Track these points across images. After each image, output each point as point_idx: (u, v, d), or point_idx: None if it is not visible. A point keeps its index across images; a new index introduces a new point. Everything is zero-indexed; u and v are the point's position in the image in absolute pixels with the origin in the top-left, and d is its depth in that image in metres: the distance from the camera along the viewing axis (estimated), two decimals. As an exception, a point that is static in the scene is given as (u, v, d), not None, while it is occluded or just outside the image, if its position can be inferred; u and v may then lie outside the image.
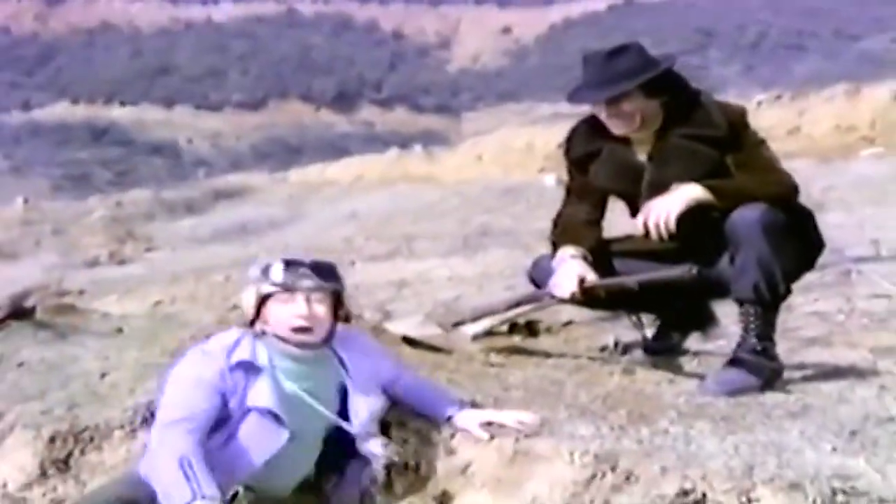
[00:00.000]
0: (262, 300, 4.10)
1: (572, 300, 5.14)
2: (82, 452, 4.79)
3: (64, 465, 4.77)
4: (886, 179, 17.41)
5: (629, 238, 5.29)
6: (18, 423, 4.98)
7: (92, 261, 19.86)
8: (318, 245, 18.39)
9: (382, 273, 13.37)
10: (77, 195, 44.96)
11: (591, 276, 5.05)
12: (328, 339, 4.16)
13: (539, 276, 5.46)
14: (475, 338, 6.76)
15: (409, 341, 6.17)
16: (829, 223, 12.10)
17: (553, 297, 5.25)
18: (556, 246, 5.28)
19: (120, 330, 6.56)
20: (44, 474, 4.76)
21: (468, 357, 6.03)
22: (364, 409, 4.15)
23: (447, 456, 4.38)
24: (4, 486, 4.79)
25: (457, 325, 6.44)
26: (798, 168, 18.36)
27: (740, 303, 4.87)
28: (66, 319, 6.77)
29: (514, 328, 6.87)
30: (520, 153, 30.36)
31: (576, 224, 5.32)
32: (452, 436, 4.44)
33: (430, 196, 23.77)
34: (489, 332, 6.82)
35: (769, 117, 28.21)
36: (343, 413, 4.13)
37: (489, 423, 4.31)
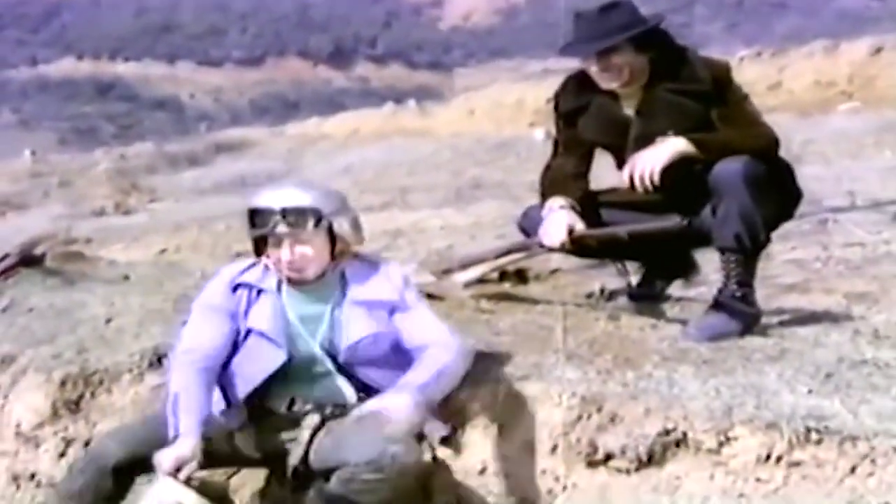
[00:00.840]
0: (257, 241, 4.15)
1: (561, 249, 5.12)
2: (93, 395, 4.82)
3: (75, 406, 4.80)
4: (863, 133, 17.38)
5: (615, 190, 5.28)
6: (30, 366, 5.01)
7: (98, 211, 19.79)
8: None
9: (378, 223, 13.32)
10: (83, 148, 44.77)
11: (580, 226, 5.02)
12: (324, 272, 4.12)
13: (529, 226, 5.43)
14: (467, 285, 6.76)
15: (403, 288, 6.18)
16: (807, 175, 12.09)
17: (542, 245, 5.22)
18: (545, 197, 5.25)
19: (126, 277, 6.57)
20: (56, 415, 4.79)
21: (460, 303, 6.04)
22: (355, 332, 4.08)
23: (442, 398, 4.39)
24: (18, 425, 4.82)
25: (447, 272, 6.42)
26: (778, 122, 18.30)
27: (722, 251, 4.86)
28: (74, 267, 6.78)
29: (503, 276, 6.88)
30: (510, 108, 30.23)
31: (564, 176, 5.29)
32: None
33: (424, 149, 23.67)
34: (480, 280, 6.82)
35: (751, 73, 28.03)
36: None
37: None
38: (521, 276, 6.86)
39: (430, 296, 6.01)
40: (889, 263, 7.01)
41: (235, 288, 4.14)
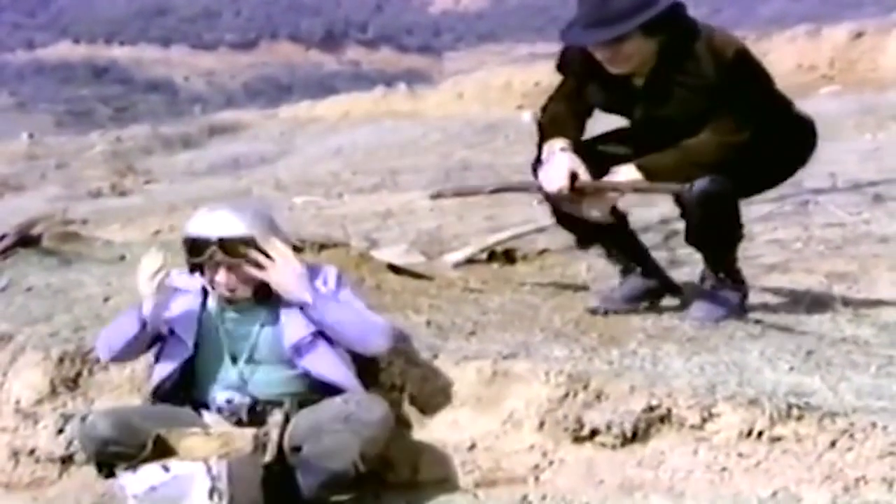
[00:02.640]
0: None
1: (559, 196, 4.72)
2: (90, 372, 4.82)
3: (73, 383, 4.80)
4: (844, 116, 17.37)
5: (615, 133, 5.04)
6: (28, 344, 5.00)
7: (94, 192, 19.73)
8: (307, 178, 18.32)
9: (368, 204, 13.34)
10: (79, 130, 44.57)
11: (583, 174, 4.65)
12: (264, 291, 4.15)
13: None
14: (456, 265, 6.78)
15: (393, 268, 6.18)
16: (789, 157, 12.05)
17: (540, 188, 4.80)
18: (544, 137, 4.88)
19: (122, 257, 6.56)
20: (54, 392, 4.79)
21: (448, 283, 6.05)
22: (295, 333, 4.13)
23: (430, 376, 4.41)
24: (18, 402, 4.82)
25: (436, 197, 6.18)
26: (761, 105, 18.39)
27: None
28: (71, 247, 6.77)
29: (492, 256, 6.89)
30: (499, 91, 30.16)
31: (564, 116, 4.92)
32: (435, 356, 4.47)
33: (414, 132, 23.64)
34: (469, 260, 6.84)
35: (734, 57, 28.09)
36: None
37: None
38: (509, 257, 6.88)
39: (419, 276, 6.04)
40: (868, 243, 7.04)
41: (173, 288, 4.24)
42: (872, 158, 12.24)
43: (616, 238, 5.25)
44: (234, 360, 4.15)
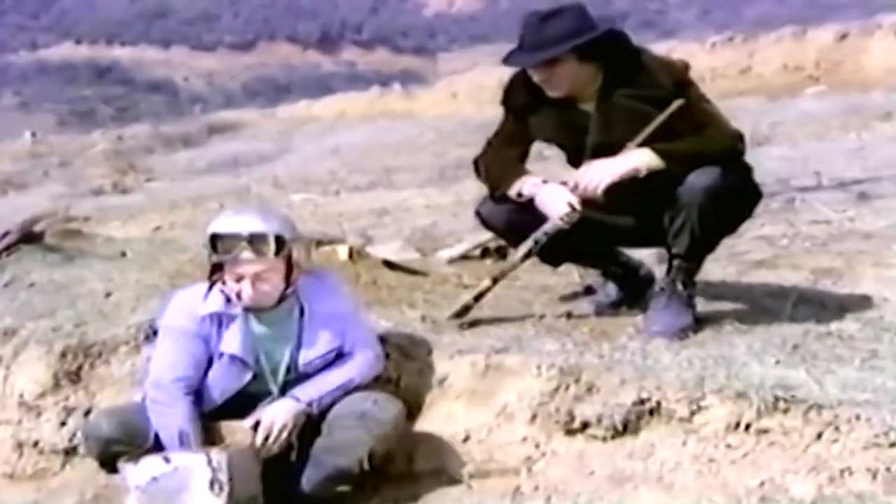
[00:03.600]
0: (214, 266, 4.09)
1: (573, 215, 4.57)
2: (92, 366, 4.82)
3: (75, 376, 4.80)
4: (829, 115, 17.42)
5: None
6: (32, 338, 5.01)
7: (96, 190, 19.72)
8: (304, 176, 18.31)
9: (364, 202, 13.36)
10: (82, 129, 44.48)
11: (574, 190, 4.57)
12: (283, 296, 4.09)
13: (489, 214, 4.99)
14: (450, 262, 6.79)
15: (388, 264, 6.19)
16: (775, 156, 12.16)
17: (562, 218, 4.59)
18: (501, 183, 4.81)
19: (123, 253, 6.55)
20: (57, 385, 4.80)
21: (443, 279, 6.05)
22: (318, 348, 4.13)
23: (425, 369, 4.41)
24: (21, 395, 4.82)
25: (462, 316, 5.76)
26: (748, 105, 18.49)
27: (674, 256, 4.66)
28: (73, 243, 6.75)
29: (486, 252, 6.90)
30: (492, 91, 29.88)
31: (512, 161, 4.88)
32: (430, 352, 4.47)
33: (409, 131, 23.63)
34: (463, 256, 6.84)
35: (722, 58, 28.20)
36: None
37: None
38: (502, 253, 6.87)
39: (414, 272, 6.04)
40: (853, 240, 7.05)
41: (204, 317, 4.08)
42: (857, 157, 12.25)
43: (596, 254, 5.17)
44: (275, 374, 4.13)
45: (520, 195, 4.71)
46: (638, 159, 4.46)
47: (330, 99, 37.54)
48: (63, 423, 4.67)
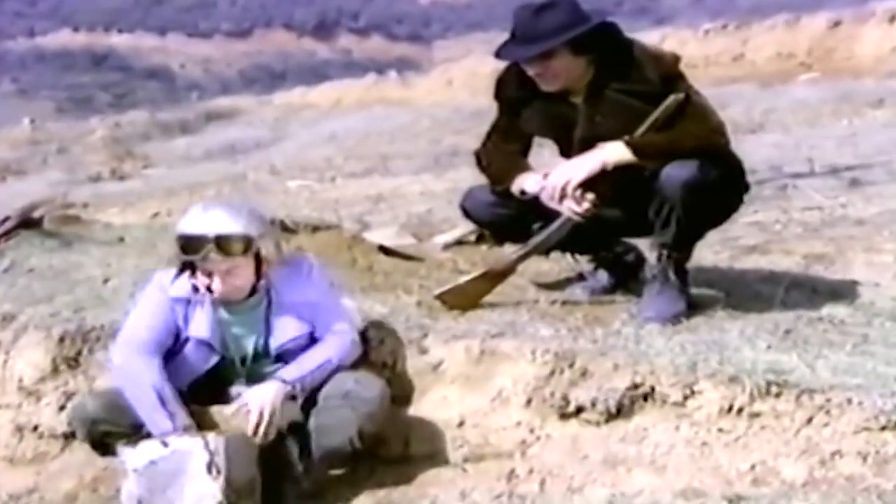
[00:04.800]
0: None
1: (589, 208, 4.53)
2: (90, 351, 4.82)
3: (74, 362, 4.81)
4: (821, 102, 17.41)
5: None
6: (31, 324, 5.01)
7: (94, 176, 19.71)
8: (301, 163, 18.29)
9: (360, 188, 13.34)
10: (79, 116, 44.29)
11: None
12: (254, 288, 4.12)
13: (472, 207, 5.02)
14: (446, 247, 6.78)
15: (384, 250, 6.19)
16: (768, 142, 12.17)
17: (577, 213, 4.54)
18: (505, 178, 4.80)
19: (121, 239, 6.55)
20: (56, 370, 4.80)
21: (438, 264, 6.05)
22: (286, 333, 4.15)
23: (420, 354, 4.42)
24: (20, 380, 4.83)
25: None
26: (741, 92, 18.49)
27: (661, 245, 4.66)
28: (72, 229, 6.76)
29: (480, 238, 6.89)
30: (487, 79, 29.74)
31: (514, 155, 4.88)
32: (425, 335, 4.48)
33: (404, 118, 23.58)
34: (458, 242, 6.84)
35: (716, 45, 28.13)
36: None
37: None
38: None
39: (410, 257, 6.05)
40: (845, 226, 7.06)
41: (173, 300, 4.11)
42: (849, 144, 12.27)
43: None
44: (243, 361, 4.15)
45: (523, 193, 4.69)
46: (604, 154, 4.46)
47: (326, 86, 37.44)
48: (62, 408, 4.67)
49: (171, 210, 11.71)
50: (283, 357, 4.14)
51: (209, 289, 4.02)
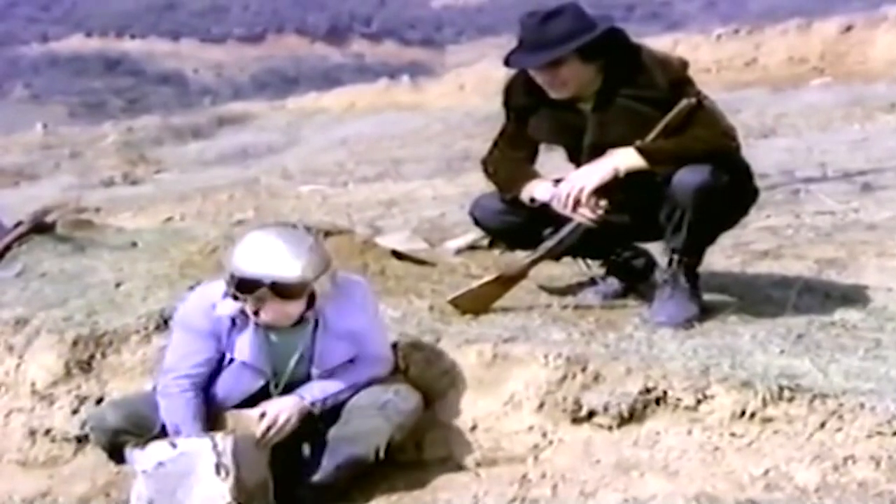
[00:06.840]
0: None
1: (601, 214, 4.52)
2: (103, 355, 4.83)
3: (87, 365, 4.82)
4: (833, 107, 17.38)
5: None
6: (43, 328, 5.02)
7: (107, 181, 19.77)
8: (313, 167, 18.33)
9: (373, 193, 13.36)
10: (92, 121, 44.44)
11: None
12: (302, 318, 4.04)
13: (481, 216, 5.04)
14: (458, 251, 6.78)
15: (396, 254, 6.19)
16: (780, 147, 12.14)
17: (589, 217, 4.53)
18: (513, 185, 4.80)
19: (133, 243, 6.55)
20: (68, 374, 4.81)
21: (450, 269, 6.05)
22: (331, 359, 4.11)
23: (433, 359, 4.42)
24: (33, 384, 4.84)
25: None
26: (753, 96, 18.47)
27: (672, 250, 4.65)
28: (84, 234, 6.77)
29: (493, 243, 6.88)
30: (498, 83, 29.65)
31: (523, 163, 4.89)
32: (438, 340, 4.48)
33: (416, 123, 23.61)
34: (471, 247, 6.83)
35: (728, 50, 28.14)
36: None
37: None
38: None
39: (422, 262, 6.05)
40: (857, 231, 7.05)
41: (219, 318, 4.04)
42: (861, 148, 12.24)
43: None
44: (279, 382, 4.12)
45: (533, 200, 4.69)
46: (616, 160, 4.46)
47: (338, 91, 37.51)
48: (75, 412, 4.69)
49: (184, 214, 11.78)
50: (319, 377, 4.13)
51: (257, 314, 3.95)
